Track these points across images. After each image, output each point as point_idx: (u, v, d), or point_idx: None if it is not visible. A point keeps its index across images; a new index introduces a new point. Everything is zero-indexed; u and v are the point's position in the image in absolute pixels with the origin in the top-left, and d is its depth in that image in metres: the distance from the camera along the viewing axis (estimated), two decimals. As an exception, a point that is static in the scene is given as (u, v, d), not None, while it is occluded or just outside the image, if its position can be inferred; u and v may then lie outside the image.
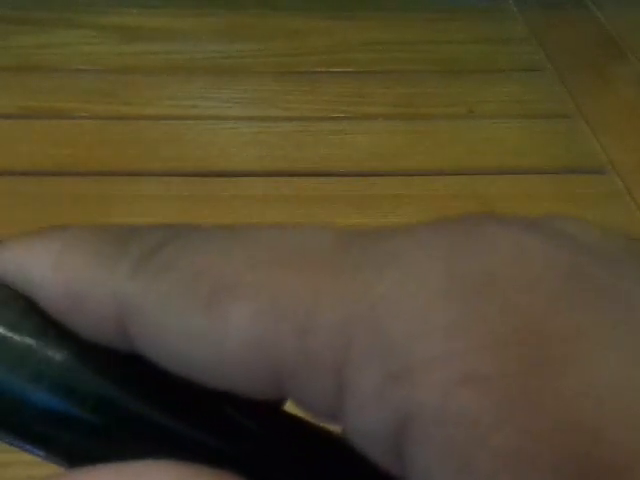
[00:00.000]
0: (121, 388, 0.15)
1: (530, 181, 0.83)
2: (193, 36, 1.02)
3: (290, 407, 0.15)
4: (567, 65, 1.01)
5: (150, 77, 0.95)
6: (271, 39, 1.03)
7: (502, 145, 0.88)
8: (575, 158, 0.87)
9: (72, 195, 0.78)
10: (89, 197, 0.78)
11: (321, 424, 0.15)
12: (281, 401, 0.13)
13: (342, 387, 0.12)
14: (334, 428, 0.14)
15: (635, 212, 0.80)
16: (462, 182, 0.82)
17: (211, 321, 0.13)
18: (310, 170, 0.83)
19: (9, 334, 0.15)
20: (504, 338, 0.11)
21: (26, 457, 0.16)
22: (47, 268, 0.14)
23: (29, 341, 0.15)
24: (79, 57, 0.97)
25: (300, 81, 0.96)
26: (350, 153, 0.85)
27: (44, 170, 0.80)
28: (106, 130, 0.86)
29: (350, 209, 0.78)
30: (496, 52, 1.03)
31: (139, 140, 0.85)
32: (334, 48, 1.02)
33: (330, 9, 1.09)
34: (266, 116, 0.90)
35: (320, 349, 0.12)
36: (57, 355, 0.14)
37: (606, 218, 0.78)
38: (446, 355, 0.11)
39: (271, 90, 0.94)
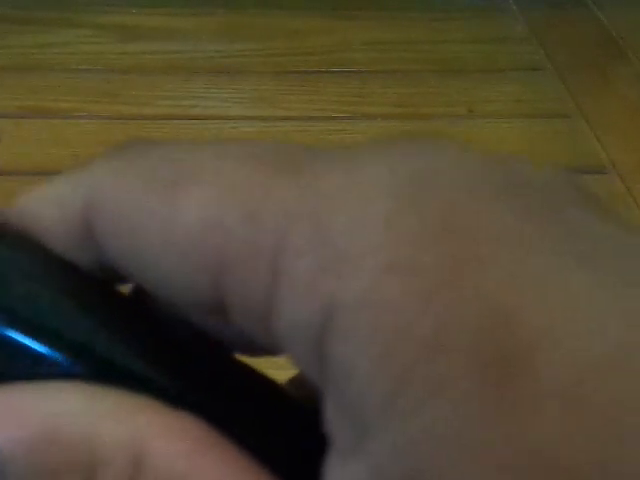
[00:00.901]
0: (59, 304, 0.14)
1: (530, 181, 0.83)
2: (193, 36, 1.02)
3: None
4: (567, 65, 1.01)
5: (150, 77, 0.95)
6: (271, 39, 1.03)
7: (502, 145, 0.87)
8: (575, 158, 0.87)
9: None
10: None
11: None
12: (220, 313, 0.13)
13: (276, 279, 0.12)
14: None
15: (635, 212, 0.80)
16: (462, 182, 0.82)
17: (165, 203, 0.13)
18: (310, 170, 0.83)
19: None
20: (435, 233, 0.12)
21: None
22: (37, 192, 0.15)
23: None
24: (79, 57, 0.97)
25: (300, 81, 0.96)
26: (350, 153, 0.85)
27: (44, 170, 0.80)
28: (106, 130, 0.86)
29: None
30: (496, 52, 1.03)
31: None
32: (334, 48, 1.02)
33: (330, 9, 1.08)
34: (266, 116, 0.90)
35: (260, 236, 0.12)
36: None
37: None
38: (378, 246, 0.12)
39: (271, 90, 0.94)
